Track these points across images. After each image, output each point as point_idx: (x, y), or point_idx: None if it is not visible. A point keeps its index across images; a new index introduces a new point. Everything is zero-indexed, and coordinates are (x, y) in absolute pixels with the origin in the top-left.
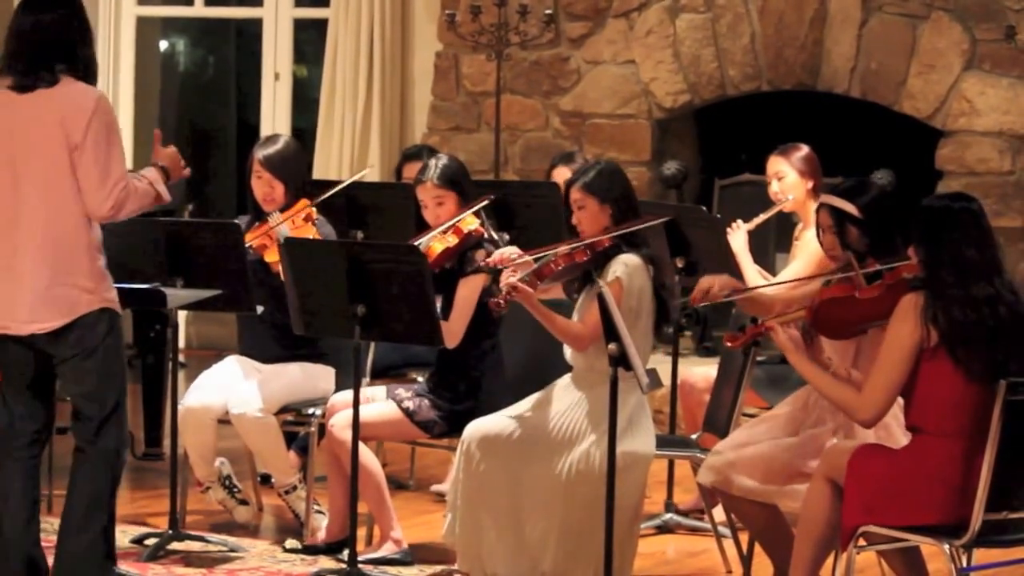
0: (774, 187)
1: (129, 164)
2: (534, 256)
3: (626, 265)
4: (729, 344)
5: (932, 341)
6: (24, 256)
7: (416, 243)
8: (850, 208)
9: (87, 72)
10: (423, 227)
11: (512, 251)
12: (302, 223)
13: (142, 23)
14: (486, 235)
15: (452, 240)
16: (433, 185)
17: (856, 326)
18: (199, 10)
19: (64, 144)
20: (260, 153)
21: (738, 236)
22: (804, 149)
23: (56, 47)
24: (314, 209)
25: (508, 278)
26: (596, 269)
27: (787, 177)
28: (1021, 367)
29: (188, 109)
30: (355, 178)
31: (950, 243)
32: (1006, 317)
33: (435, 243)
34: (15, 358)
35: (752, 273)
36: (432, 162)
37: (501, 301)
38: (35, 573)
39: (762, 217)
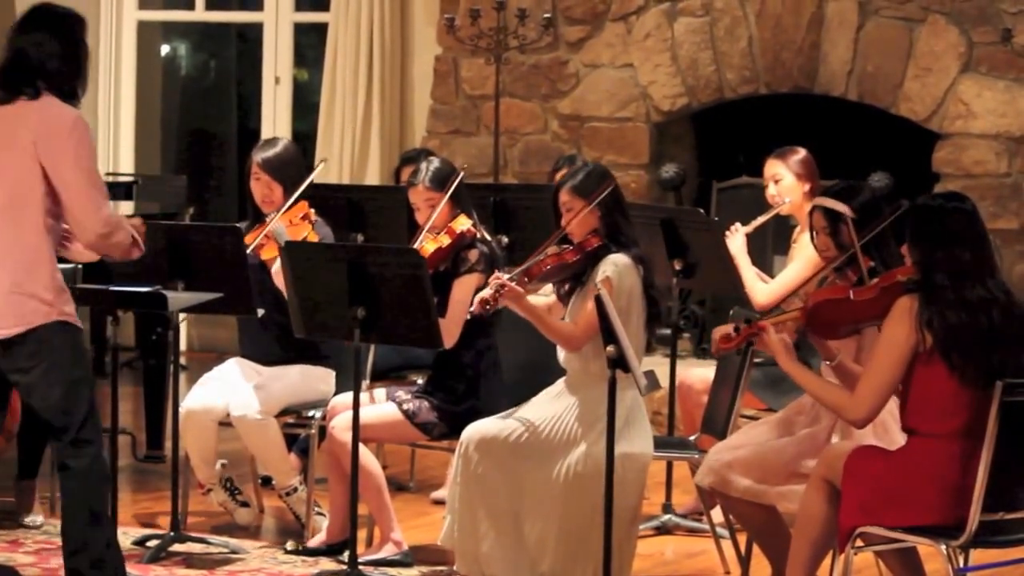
0: (771, 190)
1: (131, 167)
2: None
3: (615, 265)
4: (723, 346)
5: (927, 345)
6: None
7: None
8: (843, 209)
9: (68, 94)
10: (414, 230)
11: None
12: (299, 222)
13: (143, 27)
14: (479, 235)
15: (445, 240)
16: (425, 188)
17: (850, 326)
18: (200, 14)
19: (34, 158)
20: (258, 156)
21: (736, 239)
22: (801, 152)
23: (34, 67)
24: (312, 210)
25: (497, 277)
26: (588, 271)
27: (784, 180)
28: (1016, 369)
29: (189, 113)
30: (313, 175)
31: (944, 244)
32: (1000, 319)
33: (427, 243)
34: None
35: (750, 275)
36: (424, 165)
37: (489, 300)
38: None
39: (760, 220)
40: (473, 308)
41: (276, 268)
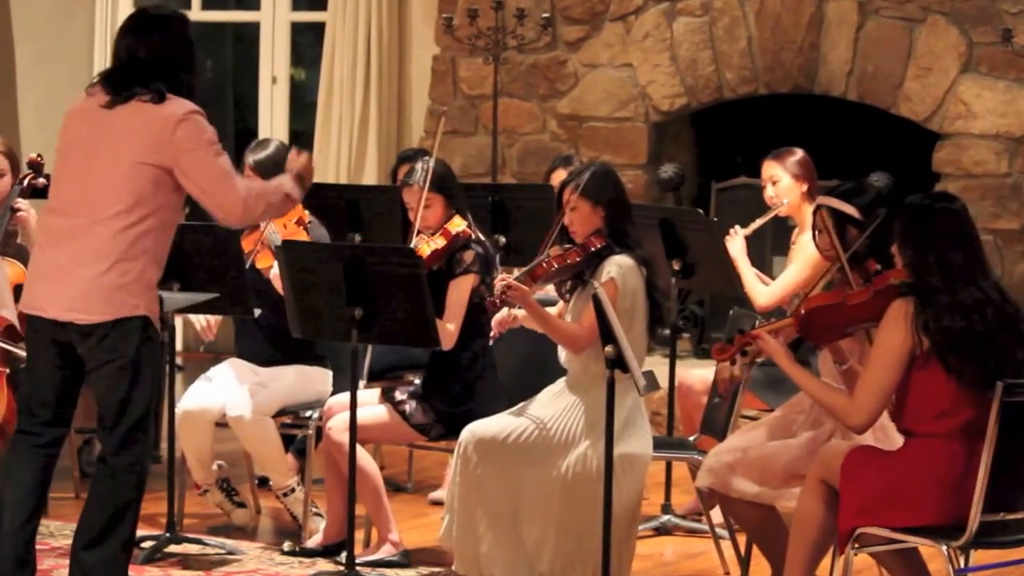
0: (769, 191)
1: None
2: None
3: (619, 266)
4: (717, 357)
5: (923, 348)
6: (77, 250)
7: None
8: (849, 210)
9: (187, 94)
10: (407, 229)
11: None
12: (293, 227)
13: None
14: (473, 236)
15: (440, 242)
16: (420, 188)
17: (843, 330)
18: (196, 14)
19: (141, 157)
20: (250, 158)
21: (735, 242)
22: (798, 153)
23: (151, 70)
24: (306, 212)
25: (503, 278)
26: (589, 270)
27: (782, 181)
28: (1015, 369)
29: None
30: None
31: (935, 246)
32: (994, 320)
33: (423, 244)
34: (46, 356)
35: (750, 278)
36: (419, 165)
37: (496, 301)
38: (22, 573)
39: (758, 222)
40: (494, 334)
41: (275, 272)
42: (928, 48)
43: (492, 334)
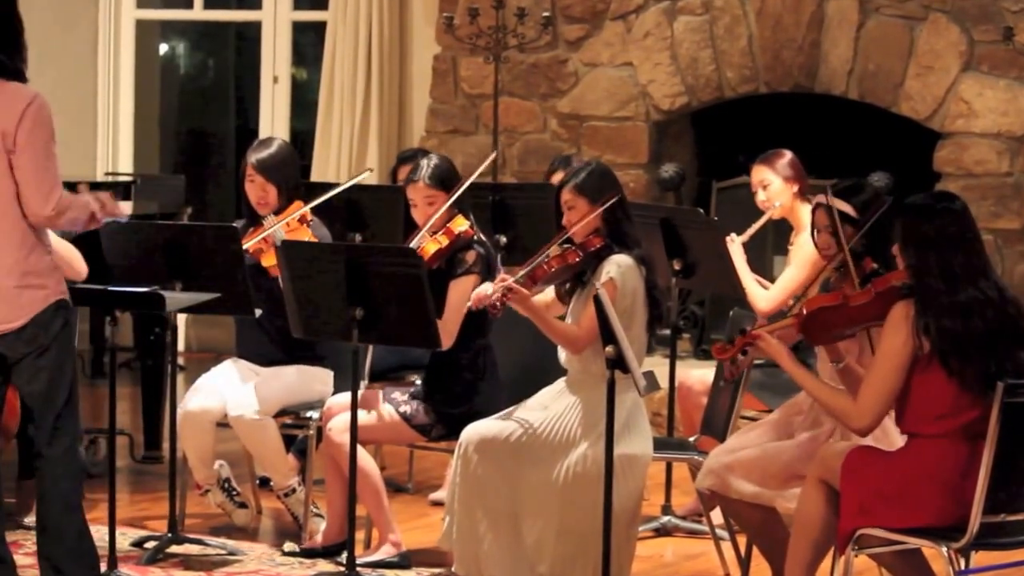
0: (760, 196)
1: (129, 167)
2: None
3: (619, 265)
4: (718, 357)
5: (925, 350)
6: None
7: (410, 244)
8: (847, 208)
9: (18, 73)
10: (411, 226)
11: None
12: (297, 225)
13: (141, 26)
14: (476, 237)
15: (443, 241)
16: (424, 185)
17: (844, 331)
18: (198, 13)
19: (2, 147)
20: (252, 157)
21: (733, 249)
22: (787, 155)
23: None
24: (309, 211)
25: (503, 280)
26: (589, 270)
27: (772, 184)
28: (1016, 370)
29: (187, 112)
30: (355, 180)
31: (935, 247)
32: (994, 319)
33: (428, 244)
34: None
35: (750, 283)
36: (424, 162)
37: (497, 303)
38: (3, 570)
39: (754, 228)
40: (471, 304)
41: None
42: (929, 47)
43: (469, 304)
